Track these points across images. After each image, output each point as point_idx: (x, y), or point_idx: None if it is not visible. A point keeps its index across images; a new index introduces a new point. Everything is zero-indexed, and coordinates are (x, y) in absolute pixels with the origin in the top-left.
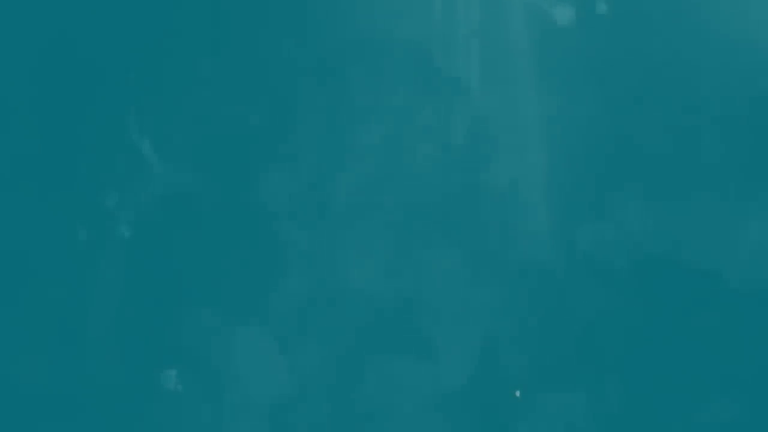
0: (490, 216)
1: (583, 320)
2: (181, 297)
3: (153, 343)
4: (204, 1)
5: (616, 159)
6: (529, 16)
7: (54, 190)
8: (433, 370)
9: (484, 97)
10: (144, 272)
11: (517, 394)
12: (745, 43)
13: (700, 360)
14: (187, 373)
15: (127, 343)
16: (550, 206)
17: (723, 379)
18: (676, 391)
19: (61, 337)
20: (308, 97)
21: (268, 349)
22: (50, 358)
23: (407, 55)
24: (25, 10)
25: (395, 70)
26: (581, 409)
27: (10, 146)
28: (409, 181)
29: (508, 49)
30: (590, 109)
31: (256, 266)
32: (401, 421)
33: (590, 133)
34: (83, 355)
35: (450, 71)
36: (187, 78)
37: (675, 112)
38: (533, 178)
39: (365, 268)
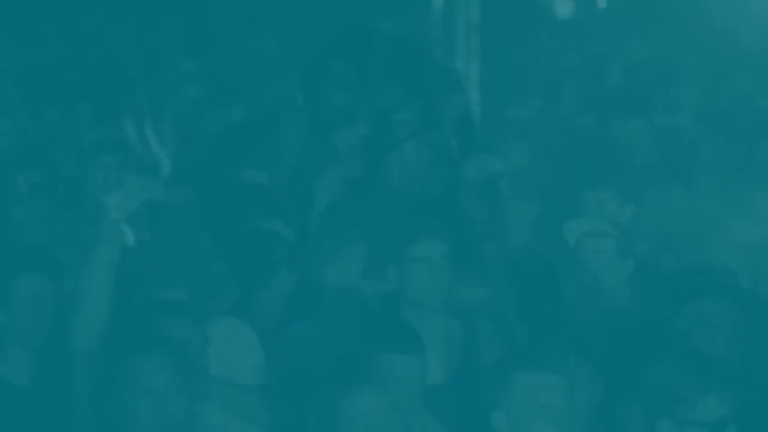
0: (474, 212)
1: (568, 313)
2: (164, 293)
3: (138, 340)
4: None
5: (601, 156)
6: (529, 8)
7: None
8: (419, 363)
9: (475, 93)
10: (130, 269)
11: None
12: (735, 40)
13: (687, 353)
14: (171, 369)
15: (114, 340)
16: (534, 203)
17: (712, 372)
18: (662, 384)
19: (55, 335)
20: (293, 94)
21: (252, 344)
22: (42, 356)
23: (399, 50)
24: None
25: (383, 65)
26: (565, 401)
27: (8, 145)
28: (393, 179)
29: (506, 42)
30: (581, 105)
31: (240, 263)
32: (389, 414)
33: (579, 129)
34: (73, 352)
35: (445, 66)
36: (169, 76)
37: (661, 109)
38: (520, 173)
39: (350, 265)
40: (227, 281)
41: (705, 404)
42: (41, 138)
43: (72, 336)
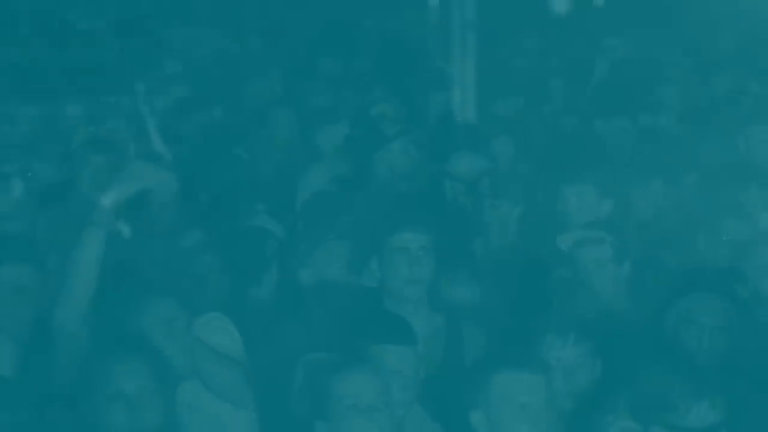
0: (461, 210)
1: (552, 305)
2: (150, 289)
3: (121, 335)
4: None
5: (586, 154)
6: (525, 6)
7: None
8: (411, 353)
9: (470, 91)
10: (119, 264)
11: None
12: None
13: (677, 358)
14: (145, 374)
15: (99, 335)
16: (520, 201)
17: (702, 378)
18: (653, 391)
19: (40, 326)
20: (278, 92)
21: (234, 337)
22: (26, 347)
23: (385, 48)
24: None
25: (369, 63)
26: (544, 400)
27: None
28: (380, 177)
29: (498, 40)
30: (567, 103)
31: (231, 260)
32: (381, 395)
33: (564, 127)
34: (55, 332)
35: (431, 64)
36: (154, 76)
37: (645, 109)
38: (506, 171)
39: (336, 260)
40: (218, 278)
41: (697, 411)
42: (32, 133)
43: (55, 316)
